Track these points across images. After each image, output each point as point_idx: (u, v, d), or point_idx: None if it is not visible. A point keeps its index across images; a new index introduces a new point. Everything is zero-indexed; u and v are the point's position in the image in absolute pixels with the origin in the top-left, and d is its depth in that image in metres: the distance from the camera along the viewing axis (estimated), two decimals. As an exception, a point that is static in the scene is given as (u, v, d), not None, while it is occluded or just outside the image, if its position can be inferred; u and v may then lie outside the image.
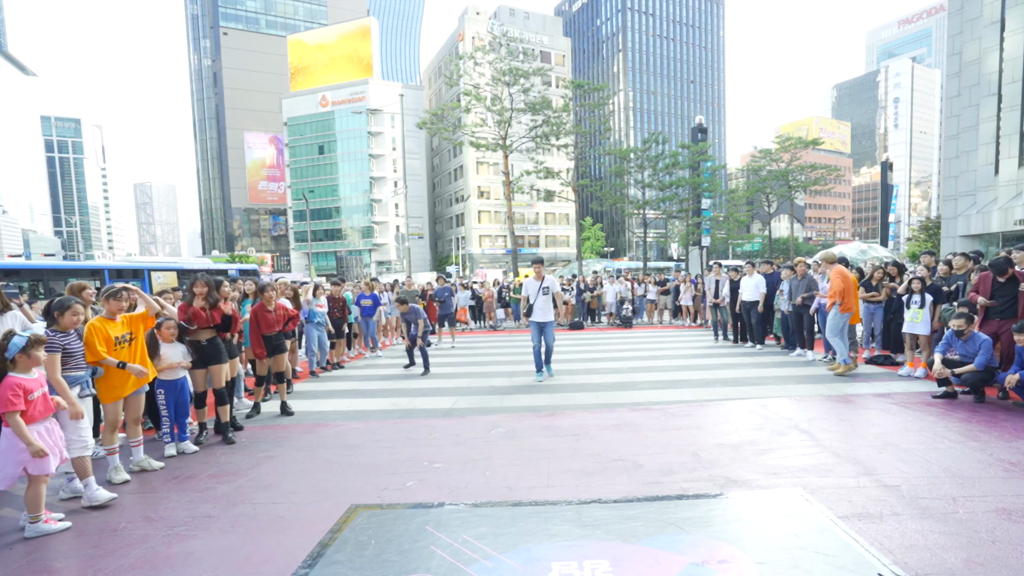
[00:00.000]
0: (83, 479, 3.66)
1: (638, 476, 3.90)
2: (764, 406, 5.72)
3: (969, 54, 24.27)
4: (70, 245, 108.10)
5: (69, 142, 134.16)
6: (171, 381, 4.79)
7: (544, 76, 35.87)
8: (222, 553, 2.97)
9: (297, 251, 71.27)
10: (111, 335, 4.09)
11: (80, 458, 3.64)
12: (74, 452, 3.61)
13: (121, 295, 4.23)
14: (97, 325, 4.06)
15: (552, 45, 68.23)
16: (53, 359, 3.58)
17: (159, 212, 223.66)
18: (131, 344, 4.24)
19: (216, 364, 5.13)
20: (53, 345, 3.60)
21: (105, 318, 4.15)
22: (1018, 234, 21.61)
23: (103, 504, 3.64)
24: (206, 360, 5.07)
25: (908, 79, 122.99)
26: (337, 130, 69.92)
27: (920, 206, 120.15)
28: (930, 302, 6.92)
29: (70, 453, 3.59)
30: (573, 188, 40.14)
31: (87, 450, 3.67)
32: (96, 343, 3.99)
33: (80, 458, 3.64)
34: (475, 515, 3.33)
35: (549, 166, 37.50)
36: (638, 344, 11.57)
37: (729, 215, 50.93)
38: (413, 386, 7.67)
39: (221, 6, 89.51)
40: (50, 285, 16.24)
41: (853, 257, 20.40)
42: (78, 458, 3.64)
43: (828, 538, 2.90)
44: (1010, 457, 3.97)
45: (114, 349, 4.10)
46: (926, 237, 45.36)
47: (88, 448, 3.68)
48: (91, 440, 3.73)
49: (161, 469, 4.38)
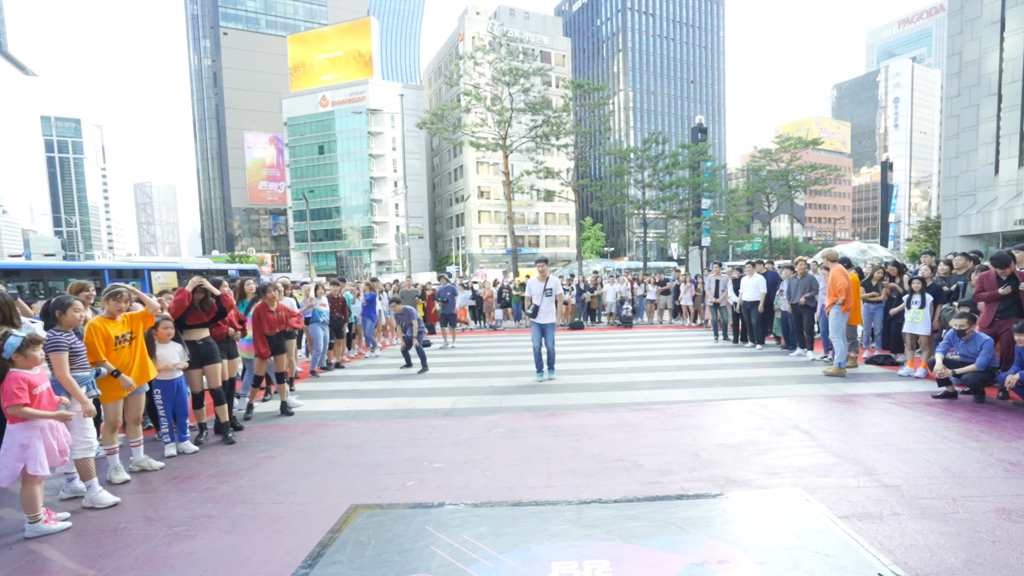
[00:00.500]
0: (86, 480, 3.66)
1: (638, 476, 3.90)
2: (764, 406, 5.72)
3: (969, 54, 24.27)
4: (70, 245, 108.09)
5: (69, 142, 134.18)
6: (168, 381, 4.79)
7: (544, 76, 35.87)
8: (222, 553, 2.97)
9: (297, 251, 71.29)
10: (111, 334, 4.08)
11: (84, 459, 3.63)
12: (78, 453, 3.60)
13: (122, 295, 4.22)
14: (97, 325, 4.05)
15: (552, 45, 68.23)
16: (61, 358, 3.56)
17: (159, 212, 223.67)
18: (131, 344, 4.23)
19: (211, 364, 5.13)
20: (60, 344, 3.58)
21: (105, 318, 4.15)
22: (1018, 234, 21.61)
23: (108, 506, 3.63)
24: (202, 360, 5.08)
25: (908, 79, 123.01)
26: (337, 130, 69.95)
27: (920, 206, 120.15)
28: (930, 302, 6.92)
29: (75, 454, 3.58)
30: (573, 188, 40.14)
31: (91, 451, 3.67)
32: (97, 343, 3.98)
33: (84, 459, 3.63)
34: (475, 515, 3.33)
35: (549, 166, 37.50)
36: (638, 344, 11.57)
37: (729, 215, 50.96)
38: (413, 386, 7.67)
39: (221, 6, 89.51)
40: (50, 285, 16.24)
41: (853, 257, 20.40)
42: (82, 459, 3.63)
43: (828, 538, 2.90)
44: (1010, 457, 3.97)
45: (114, 349, 4.09)
46: (926, 237, 45.33)
47: (92, 449, 3.68)
48: (96, 441, 3.73)
49: (161, 469, 4.38)
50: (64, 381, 3.56)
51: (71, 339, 3.71)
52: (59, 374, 3.55)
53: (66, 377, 3.56)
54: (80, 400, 3.58)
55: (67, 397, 3.56)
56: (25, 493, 3.26)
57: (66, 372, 3.57)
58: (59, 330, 3.70)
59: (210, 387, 5.15)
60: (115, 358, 4.08)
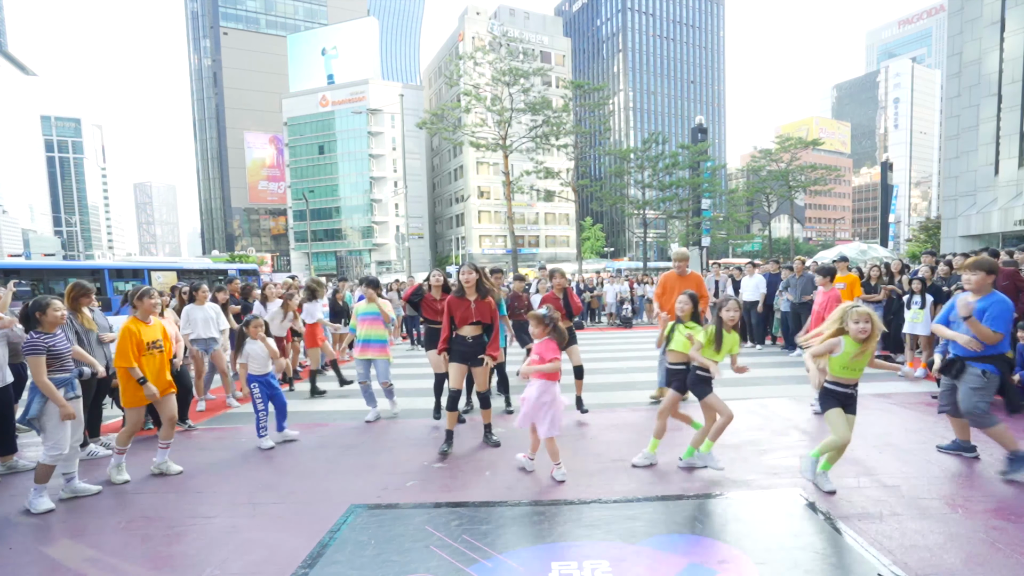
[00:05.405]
0: (39, 484, 3.56)
1: (638, 476, 3.90)
2: (764, 406, 5.72)
3: (969, 54, 24.27)
4: (70, 245, 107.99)
5: (69, 142, 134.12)
6: (261, 376, 4.92)
7: (544, 76, 35.84)
8: (222, 553, 2.97)
9: (297, 251, 71.26)
10: (143, 339, 4.03)
11: (46, 464, 3.55)
12: (44, 456, 3.54)
13: (152, 295, 4.18)
14: (131, 328, 3.97)
15: (552, 45, 68.20)
16: (38, 362, 3.50)
17: (159, 212, 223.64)
18: (160, 353, 4.20)
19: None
20: (37, 347, 3.52)
21: (139, 320, 4.09)
22: (1018, 234, 21.62)
23: (42, 512, 3.51)
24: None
25: (908, 79, 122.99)
26: (337, 130, 69.93)
27: (920, 206, 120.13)
28: (930, 302, 6.92)
29: (43, 457, 3.54)
30: (573, 188, 40.13)
31: (60, 458, 3.58)
32: (128, 347, 3.92)
33: (46, 464, 3.55)
34: (475, 515, 3.33)
35: (549, 166, 37.49)
36: (638, 344, 11.56)
37: (729, 215, 50.90)
38: (413, 386, 7.66)
39: (221, 6, 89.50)
40: (50, 285, 16.23)
41: (853, 257, 20.40)
42: (45, 463, 3.55)
43: (828, 538, 2.90)
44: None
45: (146, 352, 4.04)
46: (926, 237, 45.35)
47: (61, 456, 3.59)
48: (67, 448, 3.61)
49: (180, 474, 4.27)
50: (41, 385, 3.49)
51: (51, 340, 3.64)
52: (36, 378, 3.49)
53: (43, 381, 3.50)
54: (59, 404, 3.50)
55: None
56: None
57: (43, 376, 3.50)
58: (40, 331, 3.63)
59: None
60: (145, 363, 4.03)
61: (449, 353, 4.64)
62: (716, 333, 3.78)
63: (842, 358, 3.32)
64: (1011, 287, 5.89)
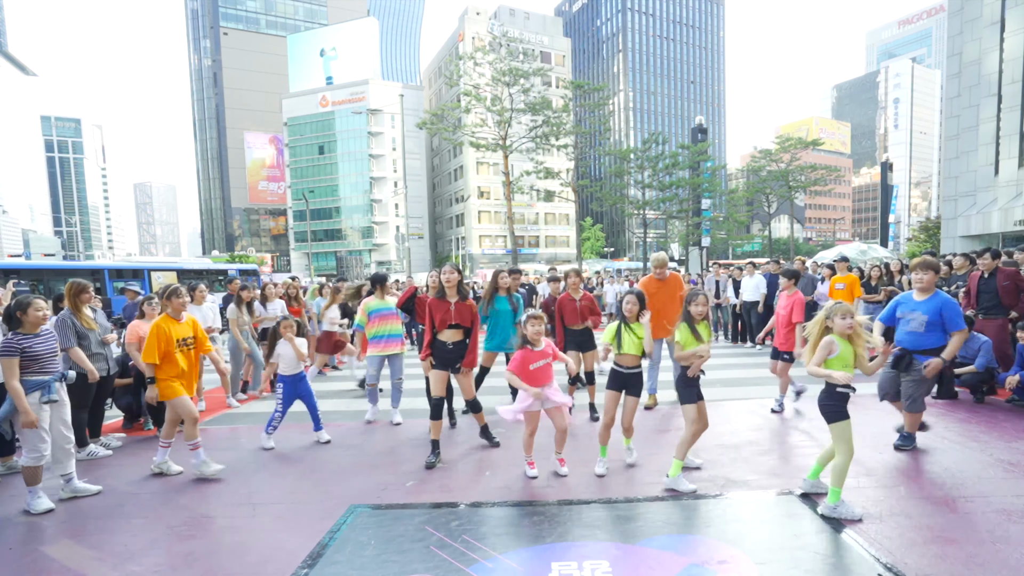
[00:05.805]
0: (30, 486, 3.55)
1: (638, 476, 3.90)
2: (764, 406, 5.72)
3: (969, 55, 24.27)
4: (70, 245, 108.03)
5: (69, 142, 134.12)
6: (290, 376, 4.91)
7: (544, 76, 35.87)
8: (222, 553, 2.97)
9: (297, 251, 71.25)
10: (173, 336, 4.06)
11: (30, 467, 3.53)
12: (25, 460, 3.52)
13: (180, 292, 4.20)
14: (162, 325, 4.01)
15: (552, 45, 68.20)
16: (10, 363, 3.44)
17: (159, 212, 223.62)
18: (191, 350, 4.23)
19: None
20: (11, 349, 3.46)
21: (171, 317, 4.12)
22: (1018, 234, 21.61)
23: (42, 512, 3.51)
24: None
25: (908, 79, 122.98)
26: (337, 130, 69.92)
27: (920, 206, 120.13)
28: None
29: (24, 460, 3.53)
30: (573, 188, 40.14)
31: (41, 460, 3.54)
32: (154, 343, 3.95)
33: (30, 467, 3.53)
34: (475, 515, 3.33)
35: (549, 166, 37.52)
36: (638, 344, 11.54)
37: (729, 215, 50.91)
38: (413, 386, 7.65)
39: (221, 6, 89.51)
40: (50, 285, 16.23)
41: (853, 257, 20.39)
42: (28, 466, 3.52)
43: (828, 538, 2.90)
44: (1010, 457, 3.97)
45: (178, 349, 4.08)
46: (926, 238, 45.33)
47: (43, 459, 3.55)
48: (47, 451, 3.56)
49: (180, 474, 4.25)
50: (10, 388, 3.43)
51: (27, 342, 3.55)
52: (6, 380, 3.44)
53: (11, 384, 3.44)
54: (21, 409, 3.43)
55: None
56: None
57: (12, 379, 3.44)
58: (21, 332, 3.57)
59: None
60: (179, 360, 4.09)
61: (432, 359, 4.58)
62: (690, 328, 3.71)
63: (842, 357, 3.32)
64: (1011, 287, 5.90)
